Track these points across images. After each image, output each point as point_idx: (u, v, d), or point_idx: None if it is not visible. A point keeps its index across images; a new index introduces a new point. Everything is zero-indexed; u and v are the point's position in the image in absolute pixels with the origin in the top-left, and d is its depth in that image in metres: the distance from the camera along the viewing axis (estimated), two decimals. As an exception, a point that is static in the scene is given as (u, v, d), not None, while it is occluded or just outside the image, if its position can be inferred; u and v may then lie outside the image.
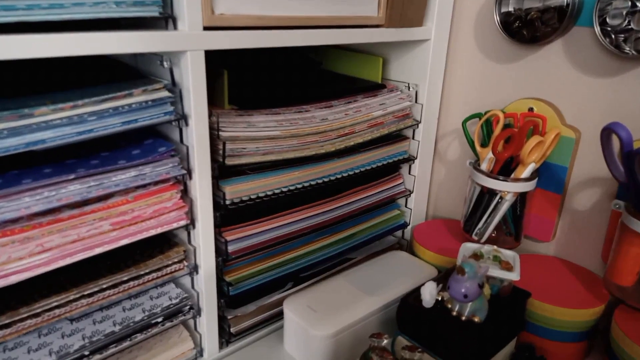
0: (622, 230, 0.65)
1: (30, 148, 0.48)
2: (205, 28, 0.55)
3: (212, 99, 0.60)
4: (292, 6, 0.63)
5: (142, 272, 0.61)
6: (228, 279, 0.70)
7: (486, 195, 0.77)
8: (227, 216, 0.67)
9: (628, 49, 0.65)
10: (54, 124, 0.50)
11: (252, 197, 0.68)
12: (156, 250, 0.65)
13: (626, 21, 0.64)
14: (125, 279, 0.60)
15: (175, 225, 0.61)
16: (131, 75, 0.62)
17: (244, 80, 0.81)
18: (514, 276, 0.63)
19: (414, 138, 0.88)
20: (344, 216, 0.82)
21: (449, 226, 0.91)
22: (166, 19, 0.55)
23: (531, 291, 0.67)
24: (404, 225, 0.93)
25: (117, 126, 0.54)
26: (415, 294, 0.64)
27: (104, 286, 0.59)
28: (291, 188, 0.72)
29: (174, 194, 0.61)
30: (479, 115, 0.82)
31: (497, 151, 0.74)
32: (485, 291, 0.60)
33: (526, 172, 0.74)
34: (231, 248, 0.68)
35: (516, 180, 0.74)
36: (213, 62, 0.59)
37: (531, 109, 0.78)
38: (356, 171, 0.80)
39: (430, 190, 0.97)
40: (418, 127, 0.87)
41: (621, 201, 0.68)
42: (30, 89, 0.54)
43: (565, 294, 0.69)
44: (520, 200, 0.77)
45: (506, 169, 0.76)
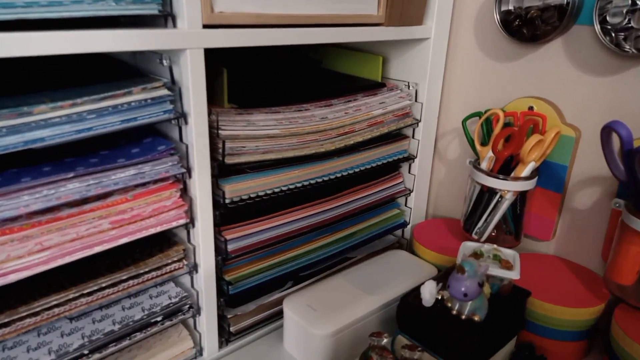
0: (622, 229, 0.64)
1: (29, 146, 0.48)
2: (205, 26, 0.55)
3: (211, 97, 0.60)
4: (291, 4, 0.63)
5: (141, 271, 0.61)
6: (228, 277, 0.70)
7: (486, 194, 0.77)
8: (226, 215, 0.67)
9: (628, 47, 0.65)
10: (53, 122, 0.49)
11: (252, 195, 0.68)
12: (156, 249, 0.65)
13: (626, 19, 0.64)
14: (124, 277, 0.60)
15: (174, 224, 0.61)
16: (130, 73, 0.62)
17: (243, 79, 0.81)
18: (514, 275, 0.63)
19: (413, 137, 0.88)
20: (344, 215, 0.82)
21: (449, 225, 0.91)
22: (165, 17, 0.55)
23: (531, 290, 0.67)
24: (404, 224, 0.93)
25: (116, 124, 0.54)
26: (415, 293, 0.64)
27: (104, 285, 0.59)
28: (291, 187, 0.72)
29: (174, 192, 0.61)
30: (479, 114, 0.82)
31: (497, 150, 0.74)
32: (485, 290, 0.60)
33: (526, 171, 0.74)
34: (231, 247, 0.68)
35: (516, 179, 0.74)
36: (213, 61, 0.59)
37: (531, 108, 0.78)
38: (356, 170, 0.80)
39: (430, 189, 0.97)
40: (418, 126, 0.87)
41: (621, 200, 0.68)
42: (29, 87, 0.54)
43: (565, 293, 0.69)
44: (520, 199, 0.77)
45: (506, 167, 0.76)
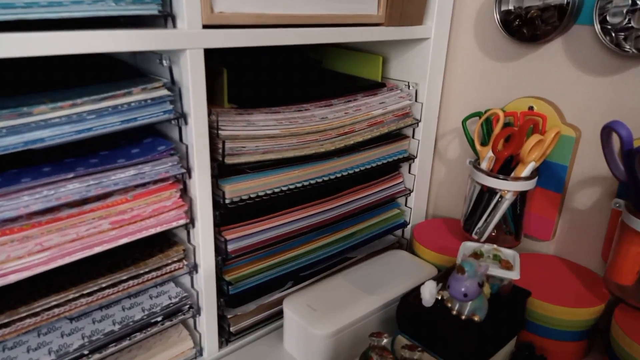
0: (623, 229, 0.64)
1: (29, 147, 0.48)
2: (205, 26, 0.55)
3: (211, 97, 0.60)
4: (291, 4, 0.63)
5: (141, 271, 0.61)
6: (228, 278, 0.69)
7: (486, 194, 0.77)
8: (226, 215, 0.67)
9: (628, 47, 0.65)
10: (53, 122, 0.49)
11: (252, 196, 0.68)
12: (156, 249, 0.65)
13: (626, 19, 0.64)
14: (124, 278, 0.60)
15: (174, 224, 0.61)
16: (130, 73, 0.62)
17: (243, 79, 0.81)
18: (514, 275, 0.63)
19: (413, 137, 0.88)
20: (344, 215, 0.82)
21: (449, 225, 0.91)
22: (165, 17, 0.55)
23: (531, 290, 0.67)
24: (404, 224, 0.93)
25: (116, 125, 0.54)
26: (415, 293, 0.64)
27: (104, 285, 0.59)
28: (291, 187, 0.72)
29: (174, 192, 0.60)
30: (479, 114, 0.82)
31: (497, 150, 0.74)
32: (485, 290, 0.60)
33: (526, 171, 0.73)
34: (231, 247, 0.68)
35: (516, 179, 0.74)
36: (212, 61, 0.59)
37: (531, 108, 0.78)
38: (356, 170, 0.80)
39: (430, 189, 0.97)
40: (418, 126, 0.87)
41: (621, 200, 0.68)
42: (29, 88, 0.54)
43: (565, 293, 0.69)
44: (520, 199, 0.77)
45: (506, 167, 0.76)
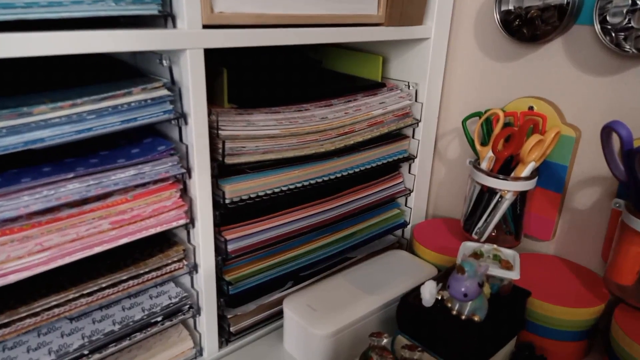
0: (623, 229, 0.64)
1: (29, 147, 0.48)
2: (205, 26, 0.55)
3: (211, 97, 0.60)
4: (291, 4, 0.63)
5: (141, 271, 0.61)
6: (228, 278, 0.69)
7: (486, 194, 0.77)
8: (226, 215, 0.67)
9: (628, 47, 0.65)
10: (53, 122, 0.49)
11: (252, 196, 0.68)
12: (156, 249, 0.65)
13: (626, 19, 0.64)
14: (124, 278, 0.60)
15: (174, 224, 0.61)
16: (130, 73, 0.62)
17: (243, 79, 0.81)
18: (513, 275, 0.63)
19: (413, 137, 0.88)
20: (344, 215, 0.82)
21: (449, 225, 0.91)
22: (165, 17, 0.55)
23: (531, 290, 0.67)
24: (404, 224, 0.93)
25: (116, 125, 0.54)
26: (415, 293, 0.64)
27: (104, 285, 0.59)
28: (291, 187, 0.72)
29: (174, 192, 0.60)
30: (479, 114, 0.82)
31: (497, 150, 0.74)
32: (485, 290, 0.60)
33: (526, 171, 0.73)
34: (231, 247, 0.68)
35: (516, 179, 0.74)
36: (212, 61, 0.59)
37: (531, 108, 0.78)
38: (356, 170, 0.80)
39: (430, 189, 0.97)
40: (418, 126, 0.87)
41: (621, 200, 0.68)
42: (29, 88, 0.54)
43: (565, 293, 0.69)
44: (520, 199, 0.77)
45: (506, 167, 0.76)
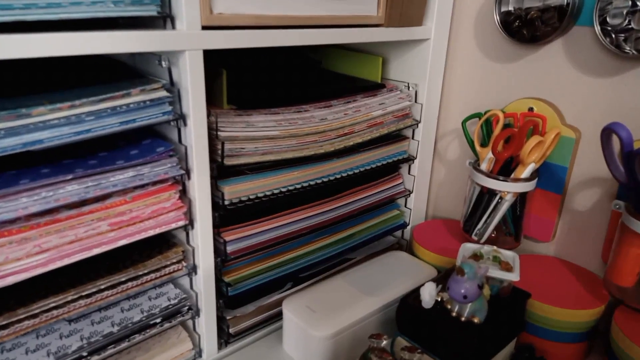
0: (622, 231, 0.64)
1: (27, 148, 0.48)
2: (204, 27, 0.55)
3: (210, 98, 0.60)
4: (291, 5, 0.63)
5: (140, 273, 0.61)
6: (227, 279, 0.69)
7: (486, 196, 0.77)
8: (225, 216, 0.67)
9: (628, 48, 0.65)
10: (52, 124, 0.49)
11: (251, 197, 0.68)
12: (155, 251, 0.65)
13: (626, 21, 0.64)
14: (123, 279, 0.60)
15: (173, 225, 0.61)
16: (129, 75, 0.62)
17: (242, 80, 0.81)
18: (513, 277, 0.63)
19: (413, 138, 0.88)
20: (344, 216, 0.82)
21: (449, 226, 0.90)
22: (164, 19, 0.54)
23: (531, 292, 0.67)
24: (404, 226, 0.93)
25: (115, 126, 0.54)
26: (414, 294, 0.63)
27: (102, 287, 0.59)
28: (290, 188, 0.72)
29: (173, 194, 0.60)
30: (478, 115, 0.82)
31: (497, 151, 0.74)
32: (484, 292, 0.60)
33: (526, 172, 0.73)
34: (230, 248, 0.68)
35: (516, 181, 0.74)
36: (212, 62, 0.59)
37: (531, 109, 0.78)
38: (355, 171, 0.80)
39: (430, 190, 0.97)
40: (418, 126, 0.86)
41: (621, 201, 0.68)
42: (27, 89, 0.54)
43: (565, 295, 0.69)
44: (520, 200, 0.77)
45: (506, 169, 0.76)
